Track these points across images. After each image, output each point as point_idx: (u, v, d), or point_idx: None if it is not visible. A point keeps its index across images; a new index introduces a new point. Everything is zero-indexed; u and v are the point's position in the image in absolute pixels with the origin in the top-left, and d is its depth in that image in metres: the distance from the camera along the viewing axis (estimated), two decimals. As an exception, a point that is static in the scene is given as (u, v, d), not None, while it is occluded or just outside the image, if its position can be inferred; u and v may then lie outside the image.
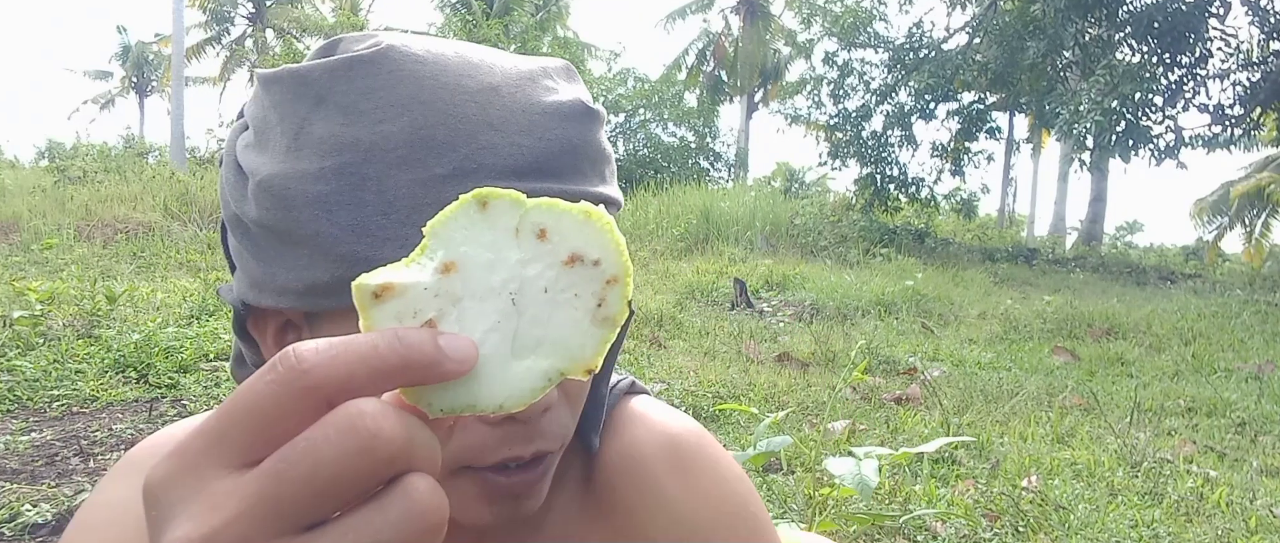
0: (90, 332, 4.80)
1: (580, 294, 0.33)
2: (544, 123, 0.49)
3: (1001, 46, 13.70)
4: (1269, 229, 20.49)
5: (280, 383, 0.26)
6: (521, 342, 0.32)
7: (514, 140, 0.48)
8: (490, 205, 0.33)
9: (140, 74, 35.65)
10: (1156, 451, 3.85)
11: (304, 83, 0.48)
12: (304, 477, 0.25)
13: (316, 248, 0.47)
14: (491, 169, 0.46)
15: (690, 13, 28.28)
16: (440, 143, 0.46)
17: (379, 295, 0.32)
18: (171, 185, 11.14)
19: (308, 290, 0.48)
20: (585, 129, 0.51)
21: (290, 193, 0.47)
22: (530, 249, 0.33)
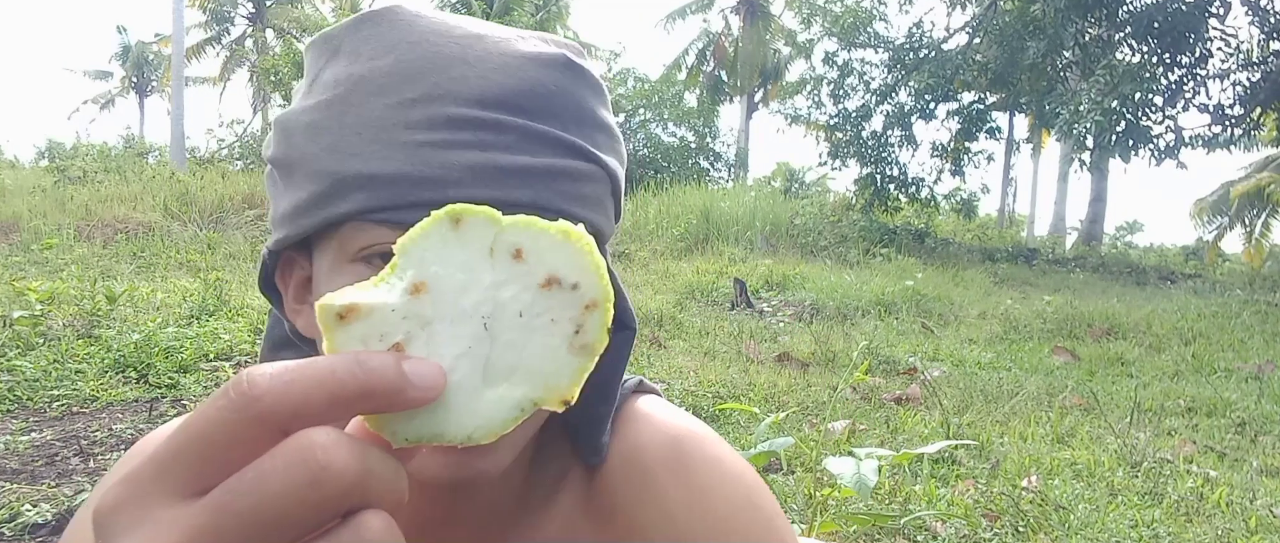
0: (90, 332, 4.80)
1: (557, 319, 0.31)
2: (519, 64, 0.50)
3: (1001, 46, 13.70)
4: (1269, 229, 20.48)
5: (232, 409, 0.25)
6: (494, 369, 0.31)
7: (485, 74, 0.49)
8: (464, 222, 0.32)
9: (140, 74, 35.65)
10: (1156, 451, 3.85)
11: (327, 39, 0.53)
12: (250, 509, 0.24)
13: (302, 169, 0.49)
14: (457, 97, 0.48)
15: (690, 13, 28.27)
16: (416, 73, 0.48)
17: (344, 317, 0.30)
18: (171, 185, 11.14)
19: (294, 211, 0.50)
20: (563, 78, 0.51)
21: (290, 124, 0.51)
22: (505, 270, 0.31)
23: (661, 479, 0.59)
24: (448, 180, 0.46)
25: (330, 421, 0.26)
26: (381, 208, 0.47)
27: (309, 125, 0.50)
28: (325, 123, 0.49)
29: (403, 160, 0.47)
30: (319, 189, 0.48)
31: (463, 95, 0.48)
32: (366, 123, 0.48)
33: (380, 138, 0.47)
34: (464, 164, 0.47)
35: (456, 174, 0.46)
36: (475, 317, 0.31)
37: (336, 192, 0.48)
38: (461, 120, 0.47)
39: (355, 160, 0.47)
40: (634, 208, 12.93)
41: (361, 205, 0.47)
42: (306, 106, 0.50)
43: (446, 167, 0.47)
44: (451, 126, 0.47)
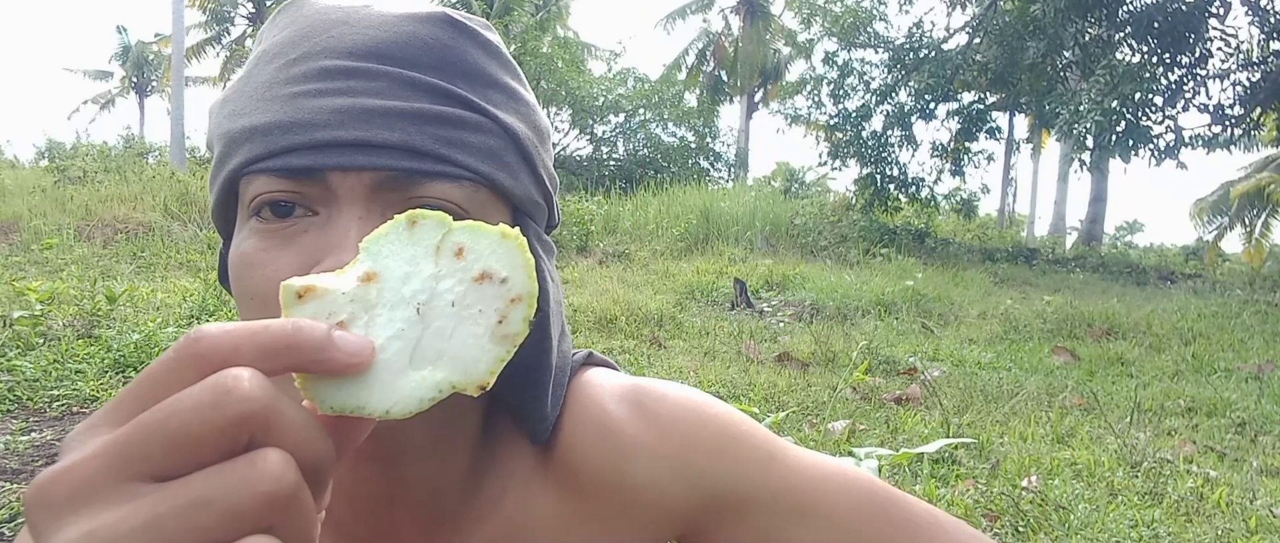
0: (90, 332, 4.80)
1: (484, 310, 0.34)
2: (397, 21, 0.52)
3: (1001, 46, 13.70)
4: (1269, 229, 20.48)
5: (175, 352, 0.28)
6: (421, 352, 0.34)
7: (360, 31, 0.51)
8: (418, 224, 0.35)
9: (140, 74, 35.65)
10: (1156, 451, 3.85)
11: (257, 38, 0.57)
12: (157, 423, 0.26)
13: (214, 139, 0.54)
14: (331, 51, 0.50)
15: (690, 13, 28.28)
16: (301, 37, 0.52)
17: (301, 296, 0.33)
18: (171, 185, 11.14)
19: (211, 181, 0.54)
20: (441, 33, 0.52)
21: (213, 106, 0.55)
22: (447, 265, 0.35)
23: (615, 421, 0.59)
24: (317, 123, 0.48)
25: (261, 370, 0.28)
26: (261, 157, 0.49)
27: (221, 101, 0.54)
28: (230, 95, 0.53)
29: (279, 111, 0.49)
30: (221, 150, 0.52)
31: (336, 50, 0.50)
32: (257, 86, 0.51)
33: (264, 95, 0.51)
34: (333, 108, 0.49)
35: (324, 117, 0.48)
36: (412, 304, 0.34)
37: (229, 150, 0.51)
38: (334, 70, 0.50)
39: (243, 118, 0.51)
40: (634, 208, 12.94)
41: (247, 156, 0.50)
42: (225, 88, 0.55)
43: (316, 111, 0.49)
44: (324, 77, 0.50)
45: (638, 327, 6.46)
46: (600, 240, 10.89)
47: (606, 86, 21.10)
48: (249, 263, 0.50)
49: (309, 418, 0.29)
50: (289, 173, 0.49)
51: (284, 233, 0.49)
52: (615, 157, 20.62)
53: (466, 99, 0.51)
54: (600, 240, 10.89)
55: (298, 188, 0.49)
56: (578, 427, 0.59)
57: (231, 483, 0.26)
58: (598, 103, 20.25)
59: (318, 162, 0.48)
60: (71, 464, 0.27)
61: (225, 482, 0.26)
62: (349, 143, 0.48)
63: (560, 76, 19.19)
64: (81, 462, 0.26)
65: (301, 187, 0.49)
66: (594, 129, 20.55)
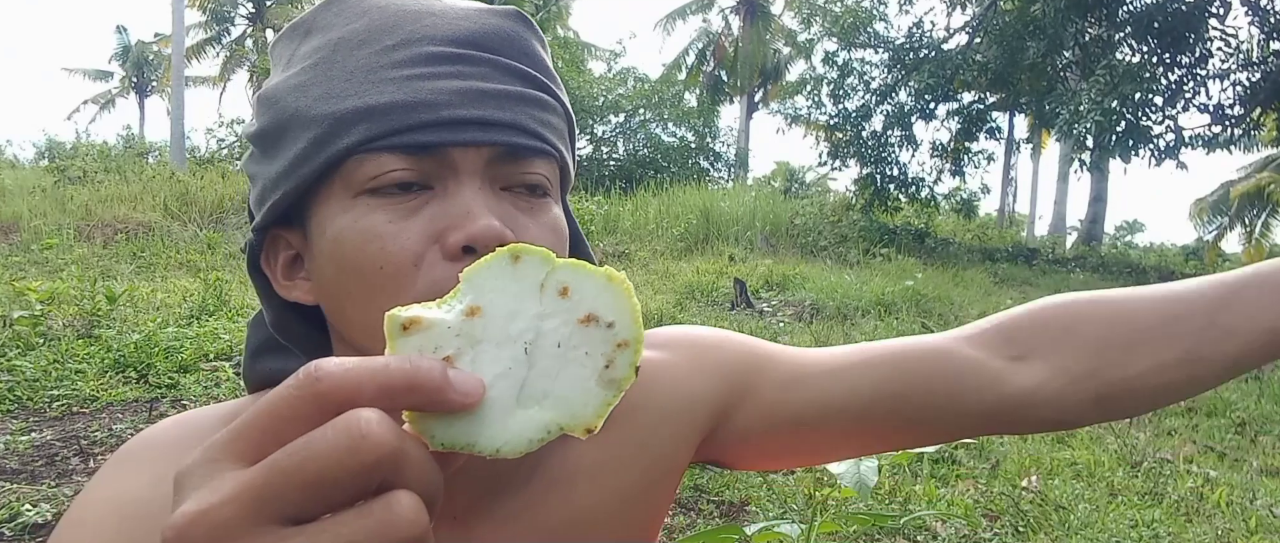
0: (90, 332, 4.80)
1: (591, 353, 0.34)
2: (479, 14, 0.56)
3: (1001, 46, 13.69)
4: (1269, 229, 20.46)
5: (296, 388, 0.29)
6: (528, 391, 0.34)
7: (451, 21, 0.54)
8: (522, 260, 0.35)
9: (140, 74, 35.62)
10: (1156, 450, 3.85)
11: (296, 26, 0.58)
12: (295, 467, 0.27)
13: (295, 125, 0.53)
14: (432, 39, 0.53)
15: (690, 13, 28.27)
16: (390, 26, 0.54)
17: (407, 328, 0.33)
18: (171, 185, 11.14)
19: (288, 168, 0.54)
20: (518, 26, 0.57)
21: (277, 92, 0.55)
22: (551, 304, 0.35)
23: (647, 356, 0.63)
24: (439, 103, 0.51)
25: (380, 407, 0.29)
26: (383, 135, 0.51)
27: (296, 87, 0.54)
28: (312, 80, 0.54)
29: (395, 91, 0.51)
30: (316, 134, 0.52)
31: (437, 37, 0.53)
32: (353, 70, 0.53)
33: (370, 78, 0.52)
34: (451, 89, 0.52)
35: (445, 98, 0.51)
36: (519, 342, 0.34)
37: (336, 130, 0.52)
38: (441, 56, 0.53)
39: (351, 99, 0.52)
40: (634, 208, 12.94)
41: (364, 135, 0.51)
42: (289, 75, 0.55)
43: (436, 92, 0.51)
44: (432, 62, 0.52)
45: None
46: (600, 240, 10.89)
47: (606, 86, 21.11)
48: (375, 234, 0.51)
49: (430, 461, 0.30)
50: (415, 149, 0.51)
51: (406, 205, 0.52)
52: (615, 157, 20.63)
53: (546, 85, 0.57)
54: (600, 240, 10.89)
55: (418, 165, 0.52)
56: None
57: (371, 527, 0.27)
58: (598, 103, 20.26)
59: (443, 138, 0.51)
60: (208, 508, 0.27)
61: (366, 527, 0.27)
62: (470, 121, 0.52)
63: (560, 76, 19.17)
64: (218, 505, 0.27)
65: (422, 163, 0.52)
66: (594, 129, 20.56)
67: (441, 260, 0.50)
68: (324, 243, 0.53)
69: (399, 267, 0.50)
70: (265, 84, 0.58)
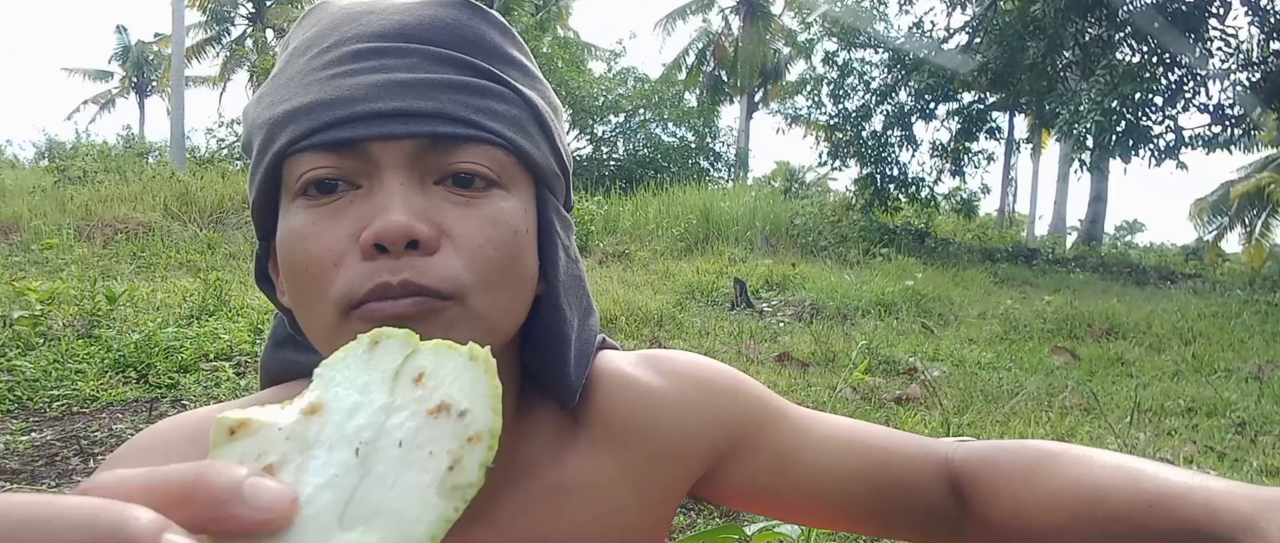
0: (90, 332, 4.80)
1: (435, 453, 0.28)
2: (418, 7, 0.55)
3: (1001, 46, 13.69)
4: (1269, 229, 20.47)
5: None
6: (355, 507, 0.28)
7: (386, 16, 0.54)
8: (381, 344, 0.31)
9: (140, 74, 35.61)
10: (1156, 451, 3.85)
11: (284, 40, 0.59)
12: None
13: (253, 133, 0.55)
14: (361, 36, 0.53)
15: (690, 13, 28.27)
16: (330, 30, 0.55)
17: (234, 432, 0.29)
18: (171, 185, 11.14)
19: (252, 173, 0.56)
20: (460, 14, 0.56)
21: (249, 107, 0.57)
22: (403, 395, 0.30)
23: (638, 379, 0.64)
24: (355, 98, 0.51)
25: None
26: (304, 134, 0.51)
27: (258, 99, 0.56)
28: (268, 90, 0.56)
29: (319, 90, 0.52)
30: (262, 139, 0.54)
31: (366, 34, 0.53)
32: (293, 76, 0.54)
33: (303, 81, 0.53)
34: (369, 83, 0.51)
35: (362, 92, 0.51)
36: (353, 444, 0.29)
37: (272, 135, 0.53)
38: (365, 51, 0.52)
39: (284, 103, 0.53)
40: (634, 208, 12.94)
41: (291, 136, 0.51)
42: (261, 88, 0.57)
43: (354, 88, 0.51)
44: (357, 58, 0.52)
45: (638, 327, 6.47)
46: (600, 240, 10.89)
47: (606, 86, 21.10)
48: (300, 236, 0.51)
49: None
50: (333, 146, 0.51)
51: (331, 207, 0.51)
52: (615, 157, 20.62)
53: (489, 71, 0.55)
54: (600, 240, 10.89)
55: (341, 162, 0.51)
56: (603, 389, 0.63)
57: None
58: (598, 103, 20.25)
59: (359, 133, 0.50)
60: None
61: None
62: (387, 113, 0.50)
63: (560, 76, 19.19)
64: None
65: (345, 161, 0.51)
66: (594, 129, 20.55)
67: (357, 261, 0.49)
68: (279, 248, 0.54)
69: (321, 268, 0.50)
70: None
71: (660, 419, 0.63)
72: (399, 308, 0.49)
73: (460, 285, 0.50)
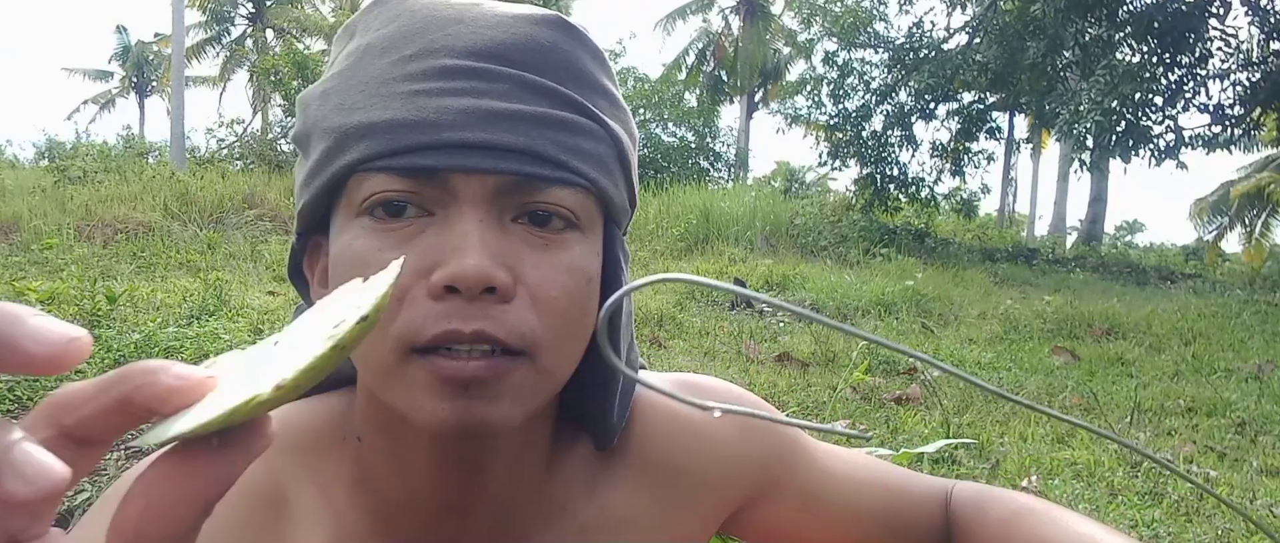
0: (90, 331, 4.79)
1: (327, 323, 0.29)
2: (513, 22, 0.51)
3: (1001, 46, 13.69)
4: (1269, 229, 20.46)
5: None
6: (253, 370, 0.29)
7: (478, 30, 0.51)
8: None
9: (140, 74, 35.62)
10: (1156, 451, 3.85)
11: (345, 27, 0.56)
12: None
13: (315, 132, 0.52)
14: (451, 50, 0.50)
15: (690, 13, 28.28)
16: (414, 33, 0.51)
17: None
18: (171, 185, 11.13)
19: (307, 177, 0.53)
20: (556, 35, 0.52)
21: (308, 97, 0.54)
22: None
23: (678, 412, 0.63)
24: (441, 124, 0.48)
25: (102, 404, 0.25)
26: (382, 154, 0.48)
27: (322, 93, 0.53)
28: (335, 87, 0.52)
29: (399, 107, 0.48)
30: (326, 146, 0.50)
31: (456, 49, 0.50)
32: (368, 80, 0.50)
33: (380, 92, 0.49)
34: (457, 108, 0.48)
35: (450, 117, 0.48)
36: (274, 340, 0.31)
37: (341, 145, 0.49)
38: (455, 70, 0.49)
39: (358, 113, 0.49)
40: (634, 208, 12.93)
41: (364, 153, 0.48)
42: (324, 79, 0.54)
43: (440, 111, 0.48)
44: (445, 76, 0.49)
45: (638, 327, 6.47)
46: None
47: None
48: (364, 262, 0.48)
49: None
50: (411, 172, 0.48)
51: (400, 233, 0.48)
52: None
53: (582, 105, 0.51)
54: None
55: (416, 188, 0.48)
56: (641, 422, 0.62)
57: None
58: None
59: (442, 162, 0.47)
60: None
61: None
62: (474, 145, 0.47)
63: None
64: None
65: (421, 187, 0.48)
66: (594, 129, 20.54)
67: (425, 298, 0.47)
68: (332, 262, 0.52)
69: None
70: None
71: (701, 456, 0.62)
72: (470, 371, 0.46)
73: (533, 340, 0.48)
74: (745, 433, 0.65)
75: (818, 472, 0.68)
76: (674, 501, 0.61)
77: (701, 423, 0.63)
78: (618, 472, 0.61)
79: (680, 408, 0.62)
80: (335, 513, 0.56)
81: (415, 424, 0.48)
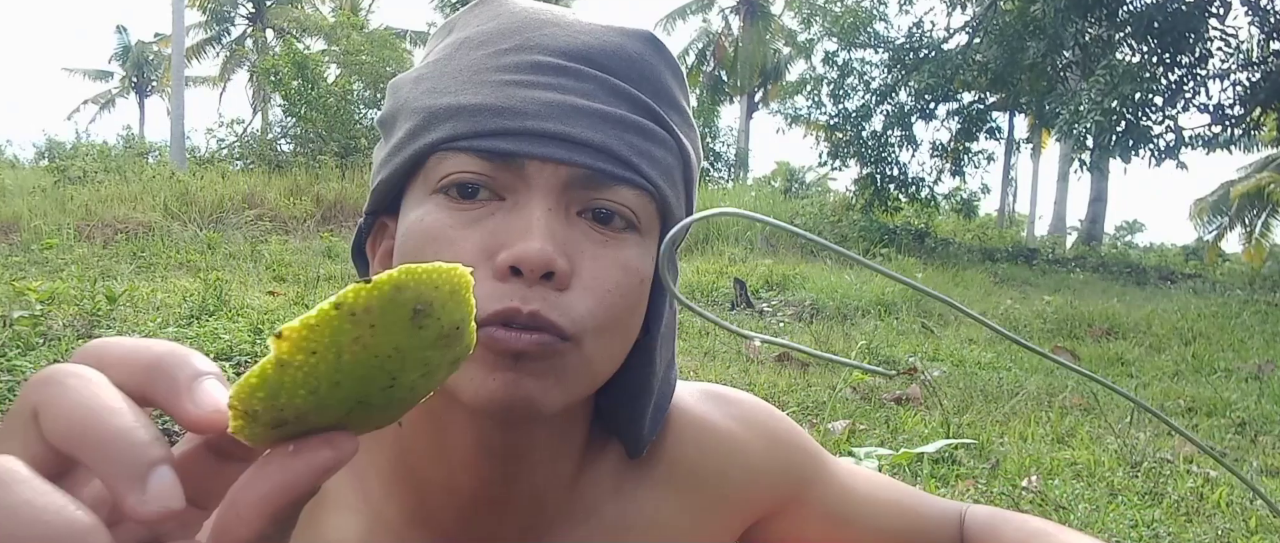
0: (90, 332, 4.80)
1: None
2: (605, 31, 0.55)
3: (1001, 46, 13.69)
4: (1269, 229, 20.47)
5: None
6: None
7: (572, 34, 0.54)
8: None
9: (140, 74, 35.62)
10: (1156, 451, 3.85)
11: (446, 25, 0.59)
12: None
13: (403, 113, 0.55)
14: (545, 48, 0.52)
15: (690, 13, 28.29)
16: (511, 30, 0.54)
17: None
18: (171, 185, 11.14)
19: (390, 153, 0.55)
20: (645, 49, 0.55)
21: (401, 81, 0.57)
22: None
23: (709, 420, 0.65)
24: (526, 112, 0.50)
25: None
26: (465, 135, 0.50)
27: (416, 78, 0.55)
28: (429, 73, 0.55)
29: (489, 94, 0.51)
30: (412, 125, 0.53)
31: (549, 47, 0.53)
32: (462, 68, 0.53)
33: (473, 79, 0.52)
34: (542, 100, 0.50)
35: (535, 108, 0.50)
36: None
37: (428, 124, 0.52)
38: (546, 66, 0.52)
39: (448, 95, 0.52)
40: (634, 208, 12.93)
41: (448, 133, 0.51)
42: (416, 67, 0.57)
43: (526, 101, 0.50)
44: (536, 71, 0.52)
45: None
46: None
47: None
48: (433, 237, 0.50)
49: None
50: (490, 155, 0.50)
51: (471, 213, 0.51)
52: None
53: (657, 114, 0.54)
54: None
55: (493, 172, 0.50)
56: (671, 428, 0.63)
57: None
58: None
59: (520, 148, 0.50)
60: None
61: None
62: (553, 135, 0.50)
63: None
64: None
65: (497, 171, 0.50)
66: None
67: (489, 277, 0.49)
68: (400, 236, 0.54)
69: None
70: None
71: (728, 465, 0.63)
72: (522, 344, 0.48)
73: (583, 328, 0.50)
74: (772, 445, 0.66)
75: (839, 489, 0.68)
76: (698, 506, 0.62)
77: (730, 432, 0.64)
78: (645, 477, 0.62)
79: (709, 416, 0.65)
80: (371, 503, 0.58)
81: (463, 398, 0.49)
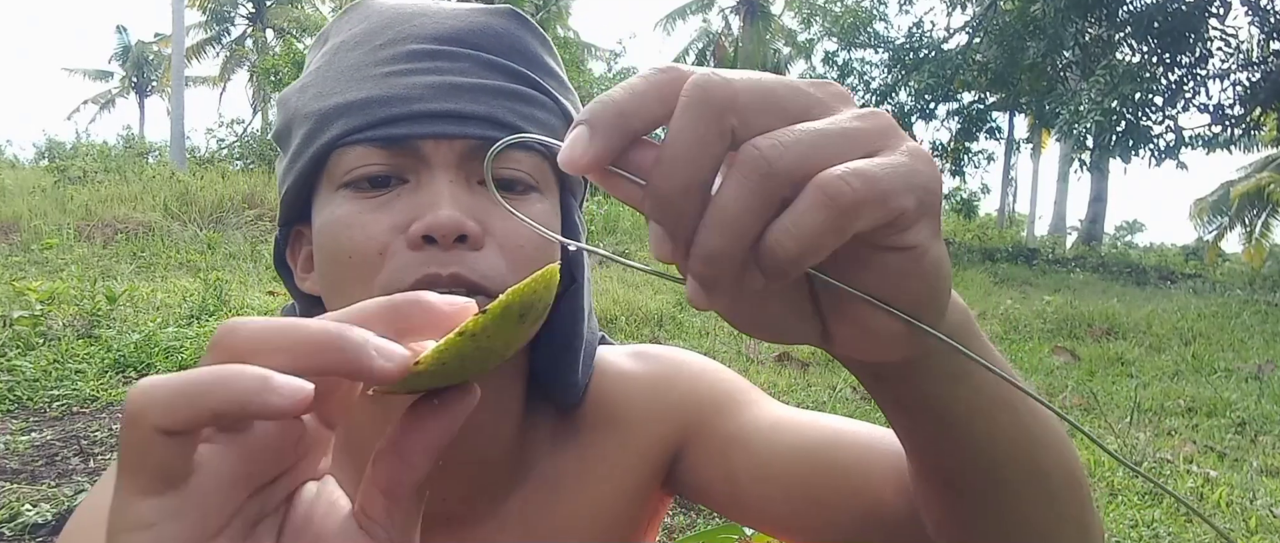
0: (90, 332, 4.80)
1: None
2: (469, 13, 0.58)
3: (1001, 46, 13.69)
4: (1269, 229, 20.46)
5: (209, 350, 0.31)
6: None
7: (440, 20, 0.56)
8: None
9: (140, 74, 35.61)
10: (1156, 450, 3.85)
11: (322, 32, 0.62)
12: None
13: (295, 122, 0.57)
14: (416, 37, 0.55)
15: (690, 13, 28.29)
16: (383, 27, 0.56)
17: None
18: (171, 185, 11.14)
19: (290, 163, 0.57)
20: (510, 24, 0.58)
21: (287, 94, 0.59)
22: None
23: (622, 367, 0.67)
24: (411, 97, 0.53)
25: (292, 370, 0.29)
26: (359, 129, 0.53)
27: (301, 88, 0.58)
28: (314, 81, 0.57)
29: (373, 87, 0.54)
30: (307, 130, 0.55)
31: (421, 35, 0.55)
32: (344, 69, 0.56)
33: (356, 76, 0.55)
34: (425, 84, 0.53)
35: (418, 92, 0.53)
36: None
37: (321, 125, 0.54)
38: (421, 53, 0.54)
39: (336, 96, 0.55)
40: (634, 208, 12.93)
41: (343, 129, 0.53)
42: (301, 78, 0.59)
43: (410, 88, 0.53)
44: (413, 58, 0.54)
45: (638, 327, 6.47)
46: (600, 240, 10.89)
47: (606, 86, 21.11)
48: (345, 225, 0.53)
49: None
50: (386, 142, 0.53)
51: (379, 198, 0.53)
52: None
53: (534, 80, 0.57)
54: (600, 240, 10.89)
55: (392, 159, 0.53)
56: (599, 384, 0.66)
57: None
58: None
59: (413, 130, 0.52)
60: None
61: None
62: (441, 114, 0.53)
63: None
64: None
65: (396, 157, 0.53)
66: (594, 129, 20.56)
67: (405, 250, 0.51)
68: (315, 235, 0.56)
69: (365, 256, 0.52)
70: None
71: (628, 405, 0.65)
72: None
73: (503, 284, 0.52)
74: (672, 378, 0.66)
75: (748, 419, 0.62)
76: (617, 448, 0.64)
77: (634, 372, 0.66)
78: (573, 427, 0.65)
79: (623, 364, 0.67)
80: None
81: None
